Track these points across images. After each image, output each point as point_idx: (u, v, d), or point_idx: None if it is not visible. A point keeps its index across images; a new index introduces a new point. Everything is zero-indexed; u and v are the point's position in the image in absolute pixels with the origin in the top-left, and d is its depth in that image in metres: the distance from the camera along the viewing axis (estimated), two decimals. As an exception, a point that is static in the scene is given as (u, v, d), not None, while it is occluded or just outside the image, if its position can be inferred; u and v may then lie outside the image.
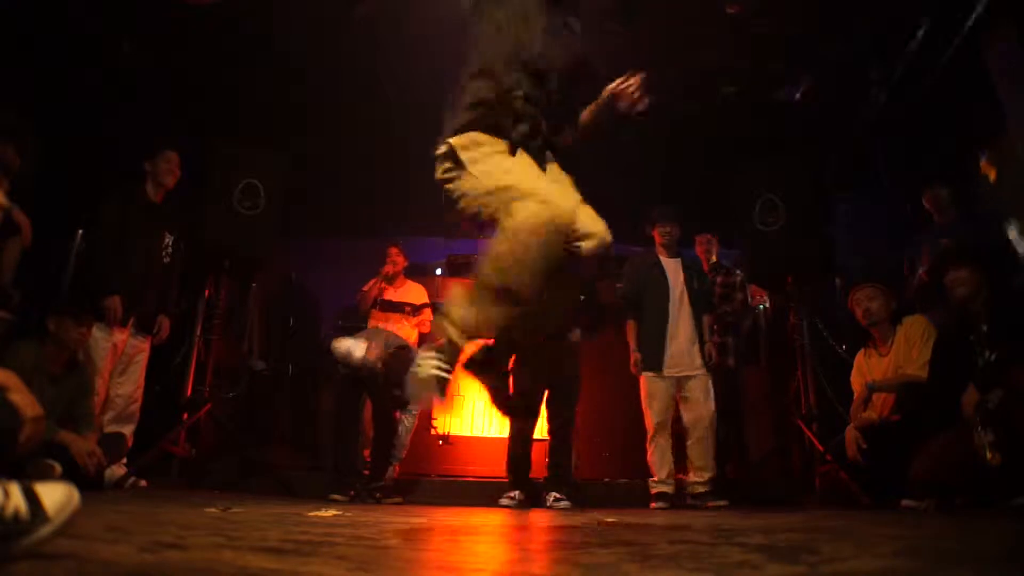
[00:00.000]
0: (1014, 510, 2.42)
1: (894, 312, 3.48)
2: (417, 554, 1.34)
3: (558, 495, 3.80)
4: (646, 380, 4.03)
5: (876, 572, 1.06)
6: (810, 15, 4.33)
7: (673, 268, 4.16)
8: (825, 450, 3.80)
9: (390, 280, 4.81)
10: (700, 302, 4.11)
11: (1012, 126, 3.91)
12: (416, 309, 4.79)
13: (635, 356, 4.08)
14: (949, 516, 2.54)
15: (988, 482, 2.52)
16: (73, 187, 4.11)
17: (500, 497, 3.84)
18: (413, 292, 4.94)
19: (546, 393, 4.03)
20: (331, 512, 2.42)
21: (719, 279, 4.66)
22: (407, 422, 4.21)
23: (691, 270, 4.18)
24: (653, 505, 3.89)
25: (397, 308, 4.80)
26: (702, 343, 4.03)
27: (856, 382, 3.56)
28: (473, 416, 5.03)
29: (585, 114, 2.10)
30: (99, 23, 4.31)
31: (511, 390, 1.88)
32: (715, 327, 4.39)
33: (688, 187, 5.49)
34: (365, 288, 4.69)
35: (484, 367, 1.78)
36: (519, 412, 3.64)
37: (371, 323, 4.64)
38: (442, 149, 1.83)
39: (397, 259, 4.80)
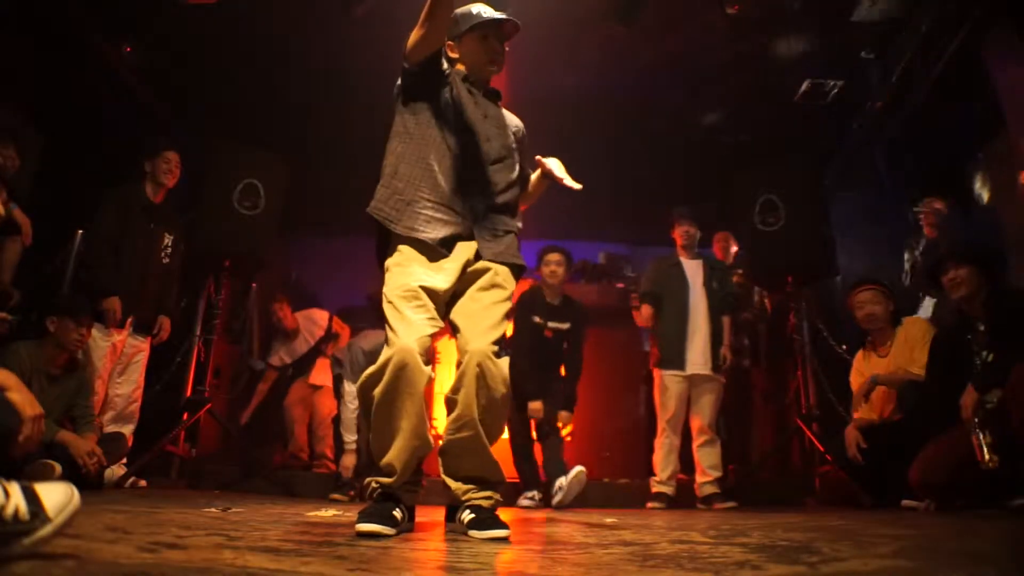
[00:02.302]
0: (1013, 510, 2.42)
1: (893, 313, 3.48)
2: (417, 554, 1.34)
3: (542, 497, 3.85)
4: (663, 377, 4.04)
5: (876, 572, 1.06)
6: (811, 15, 4.33)
7: (693, 268, 4.18)
8: (825, 450, 3.79)
9: (286, 338, 5.20)
10: (719, 303, 4.12)
11: (1012, 126, 3.91)
12: (325, 339, 5.15)
13: (657, 339, 4.10)
14: (949, 516, 2.54)
15: (988, 483, 2.51)
16: (73, 187, 4.11)
17: (518, 498, 3.86)
18: (307, 335, 5.22)
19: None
20: (331, 512, 2.42)
21: (736, 280, 4.66)
22: (350, 407, 4.17)
23: (712, 270, 4.20)
24: (649, 505, 3.89)
25: (311, 359, 5.17)
26: (718, 344, 4.03)
27: (855, 382, 3.55)
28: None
29: (532, 186, 2.18)
30: (99, 23, 4.31)
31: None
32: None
33: (688, 187, 5.50)
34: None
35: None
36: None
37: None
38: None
39: (284, 313, 5.16)
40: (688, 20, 4.46)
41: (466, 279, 1.88)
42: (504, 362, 1.81)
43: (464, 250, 1.87)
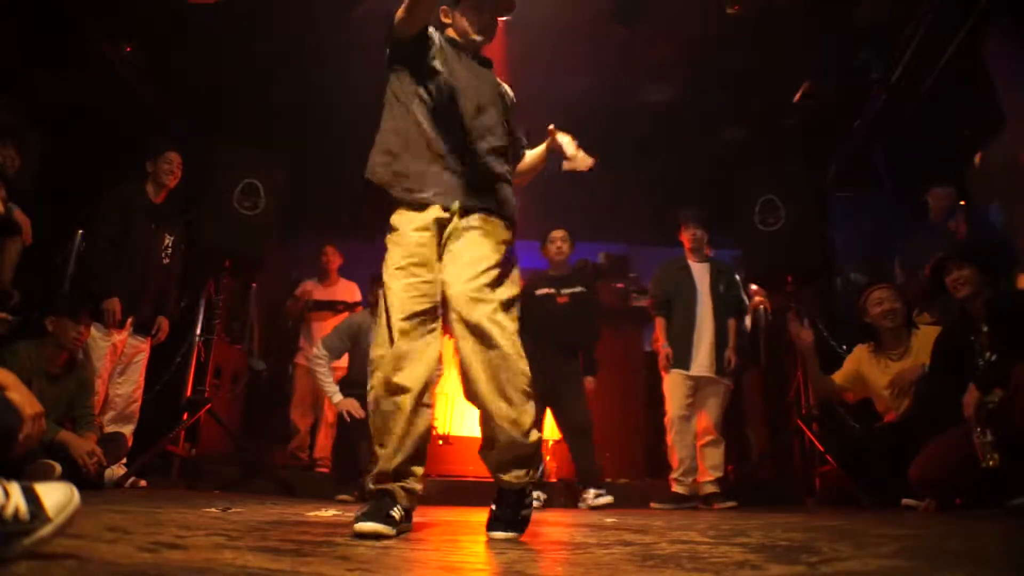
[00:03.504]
0: (1014, 510, 2.42)
1: (906, 316, 3.45)
2: (417, 554, 1.34)
3: (597, 491, 3.81)
4: (669, 376, 4.06)
5: (876, 572, 1.06)
6: (810, 15, 4.33)
7: (700, 271, 4.20)
8: (825, 450, 3.79)
9: (323, 279, 5.38)
10: (726, 305, 4.13)
11: (1011, 126, 3.91)
12: (348, 307, 5.25)
13: (665, 351, 4.09)
14: (949, 516, 2.55)
15: (988, 482, 2.51)
16: (73, 187, 4.11)
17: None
18: (345, 290, 5.38)
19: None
20: (331, 512, 2.42)
21: None
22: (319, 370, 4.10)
23: (720, 273, 4.21)
24: (653, 505, 3.88)
25: (329, 307, 5.28)
26: (724, 347, 4.04)
27: (848, 366, 3.53)
28: (473, 416, 5.03)
29: (530, 158, 2.13)
30: (99, 23, 4.31)
31: None
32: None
33: (688, 187, 5.49)
34: (296, 293, 5.37)
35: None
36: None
37: (306, 325, 5.26)
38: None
39: (332, 257, 5.35)
40: (688, 20, 4.45)
41: (451, 233, 1.84)
42: (495, 298, 1.70)
43: (453, 207, 1.84)
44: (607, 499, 3.76)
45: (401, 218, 1.84)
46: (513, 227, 1.91)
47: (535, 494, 3.81)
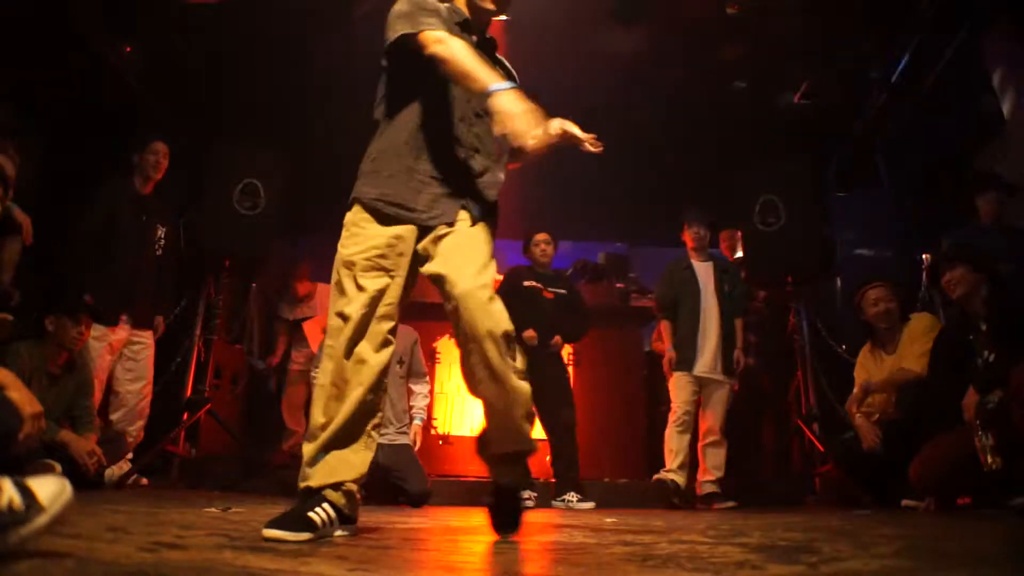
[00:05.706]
0: (1014, 510, 2.42)
1: (901, 311, 3.45)
2: (417, 554, 1.34)
3: (580, 496, 3.81)
4: (675, 377, 4.05)
5: (876, 572, 1.06)
6: (811, 15, 4.33)
7: (704, 271, 4.18)
8: (825, 450, 3.79)
9: (299, 301, 5.39)
10: (731, 305, 4.12)
11: (1011, 126, 3.91)
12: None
13: (669, 355, 4.08)
14: (949, 516, 2.55)
15: (988, 482, 2.51)
16: (73, 187, 4.11)
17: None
18: (322, 304, 5.37)
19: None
20: (331, 512, 2.41)
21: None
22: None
23: (724, 273, 4.19)
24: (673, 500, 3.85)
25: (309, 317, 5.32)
26: (731, 347, 4.04)
27: (859, 377, 3.53)
28: (473, 416, 5.03)
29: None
30: (99, 23, 4.31)
31: None
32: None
33: (688, 187, 5.49)
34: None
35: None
36: None
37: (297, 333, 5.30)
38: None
39: (303, 280, 5.39)
40: (687, 20, 4.45)
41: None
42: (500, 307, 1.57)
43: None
44: (589, 504, 3.77)
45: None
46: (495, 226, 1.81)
47: (527, 494, 3.83)
